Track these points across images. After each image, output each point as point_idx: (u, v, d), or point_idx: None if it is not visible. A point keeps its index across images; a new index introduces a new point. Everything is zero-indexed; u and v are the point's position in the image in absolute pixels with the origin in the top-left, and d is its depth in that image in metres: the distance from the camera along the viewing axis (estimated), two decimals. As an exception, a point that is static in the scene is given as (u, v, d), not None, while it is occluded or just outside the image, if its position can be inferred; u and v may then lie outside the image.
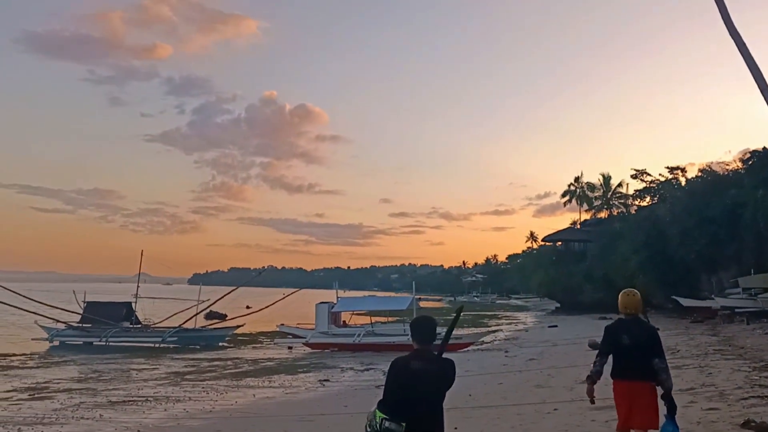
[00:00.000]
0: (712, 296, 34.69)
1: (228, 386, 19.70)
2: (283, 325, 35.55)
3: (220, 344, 34.69)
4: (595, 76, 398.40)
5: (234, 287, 41.20)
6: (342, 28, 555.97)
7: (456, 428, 10.40)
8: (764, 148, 32.03)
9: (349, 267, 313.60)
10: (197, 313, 35.41)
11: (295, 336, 33.19)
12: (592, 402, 6.69)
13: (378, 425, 4.42)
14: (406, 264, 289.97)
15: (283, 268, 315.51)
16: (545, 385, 15.32)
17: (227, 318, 44.60)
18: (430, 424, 4.56)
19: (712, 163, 48.78)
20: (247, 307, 48.32)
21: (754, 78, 10.18)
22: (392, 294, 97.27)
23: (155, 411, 15.33)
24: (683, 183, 50.34)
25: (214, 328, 36.21)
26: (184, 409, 15.39)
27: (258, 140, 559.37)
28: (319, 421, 13.34)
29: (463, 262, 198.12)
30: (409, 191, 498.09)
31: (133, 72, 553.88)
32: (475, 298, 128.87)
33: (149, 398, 17.15)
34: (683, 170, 52.07)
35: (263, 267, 45.86)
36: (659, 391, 6.34)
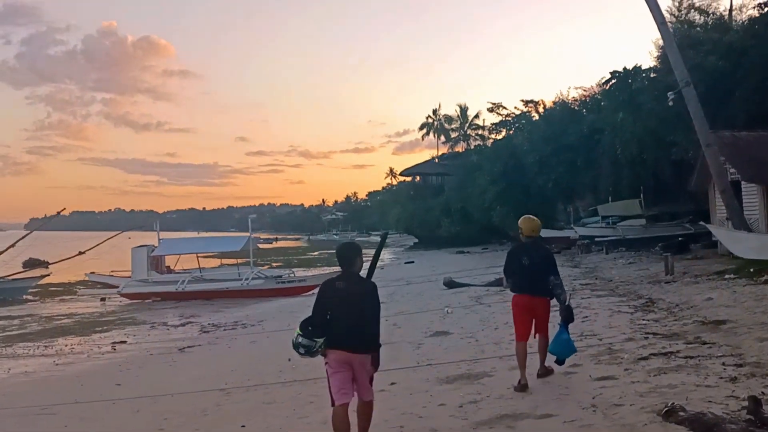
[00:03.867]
0: (571, 225, 33.38)
1: (-16, 357, 14.95)
2: (93, 273, 30.44)
3: (24, 297, 29.20)
4: (456, 16, 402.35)
5: (28, 232, 34.93)
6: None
7: (243, 426, 6.96)
8: (624, 68, 30.37)
9: (204, 208, 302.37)
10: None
11: (108, 285, 28.27)
12: None
13: (294, 340, 5.05)
14: (265, 204, 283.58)
15: (132, 210, 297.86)
16: (387, 342, 11.92)
17: (48, 265, 38.52)
18: (356, 340, 5.07)
19: (570, 88, 47.94)
20: (80, 253, 42.16)
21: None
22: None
23: None
24: (538, 116, 49.05)
25: (13, 279, 30.24)
26: None
27: (98, 74, 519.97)
28: (64, 413, 9.22)
29: (323, 200, 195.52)
30: (267, 129, 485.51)
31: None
32: (335, 236, 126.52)
33: None
34: (538, 104, 50.84)
35: (62, 209, 39.43)
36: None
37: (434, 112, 74.87)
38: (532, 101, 51.26)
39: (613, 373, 7.05)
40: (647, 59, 32.83)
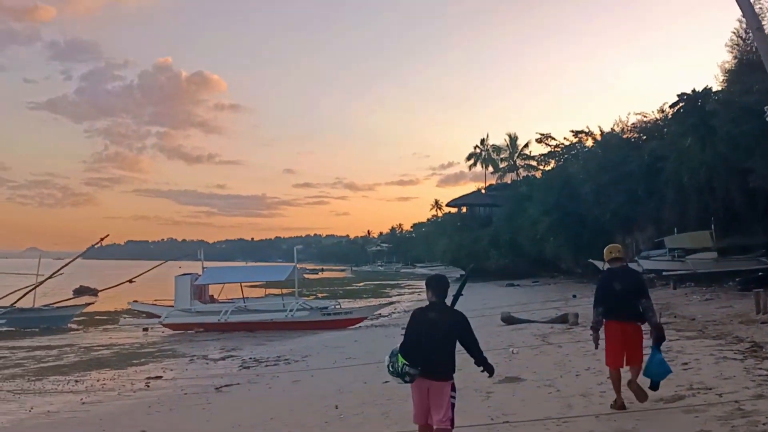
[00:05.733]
0: (635, 258, 31.31)
1: (11, 392, 13.93)
2: (136, 302, 29.78)
3: (68, 325, 28.67)
4: (502, 48, 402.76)
5: (71, 259, 34.57)
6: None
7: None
8: (693, 90, 28.44)
9: (252, 238, 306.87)
10: (34, 287, 29.14)
11: (150, 315, 27.46)
12: (597, 347, 7.38)
13: (400, 368, 5.17)
14: (312, 235, 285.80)
15: (184, 240, 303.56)
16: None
17: (98, 293, 38.34)
18: (441, 366, 5.27)
19: (630, 114, 46.09)
20: (129, 281, 41.96)
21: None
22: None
23: None
24: (593, 142, 46.98)
25: (58, 308, 29.82)
26: None
27: (153, 108, 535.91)
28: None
29: (368, 231, 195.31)
30: (313, 161, 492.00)
31: (13, 35, 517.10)
32: (380, 268, 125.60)
33: None
34: (588, 133, 48.84)
35: (105, 236, 39.19)
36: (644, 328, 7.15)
37: (482, 141, 73.46)
38: (582, 131, 49.38)
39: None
40: (713, 84, 30.56)
